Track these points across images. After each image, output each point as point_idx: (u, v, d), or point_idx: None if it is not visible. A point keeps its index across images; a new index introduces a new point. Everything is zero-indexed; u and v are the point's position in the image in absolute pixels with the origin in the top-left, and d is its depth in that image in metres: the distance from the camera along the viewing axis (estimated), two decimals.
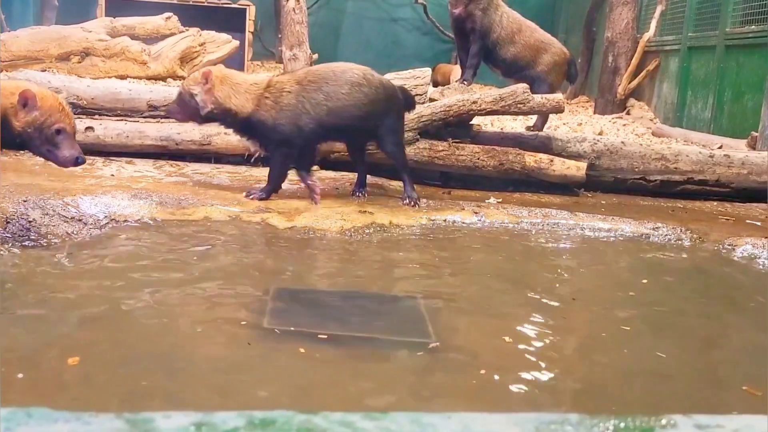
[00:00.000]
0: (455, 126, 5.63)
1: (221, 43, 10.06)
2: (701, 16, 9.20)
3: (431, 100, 5.76)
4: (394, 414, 0.84)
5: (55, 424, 0.78)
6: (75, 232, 3.73)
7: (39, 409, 0.80)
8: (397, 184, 5.18)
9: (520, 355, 2.71)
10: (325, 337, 2.67)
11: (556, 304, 3.34)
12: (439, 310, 3.19)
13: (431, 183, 5.65)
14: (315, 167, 5.67)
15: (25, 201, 3.82)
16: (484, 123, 6.74)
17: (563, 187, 5.60)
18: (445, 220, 4.44)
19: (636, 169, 5.75)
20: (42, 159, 4.40)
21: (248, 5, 13.56)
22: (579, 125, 9.08)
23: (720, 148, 6.71)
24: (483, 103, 5.52)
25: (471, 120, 5.75)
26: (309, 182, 4.65)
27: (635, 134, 8.66)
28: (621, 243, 4.42)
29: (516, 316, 3.16)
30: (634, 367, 2.70)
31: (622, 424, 0.85)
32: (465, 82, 6.62)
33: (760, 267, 4.07)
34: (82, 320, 2.70)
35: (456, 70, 12.55)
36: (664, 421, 0.84)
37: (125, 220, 3.96)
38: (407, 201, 4.73)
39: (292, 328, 2.75)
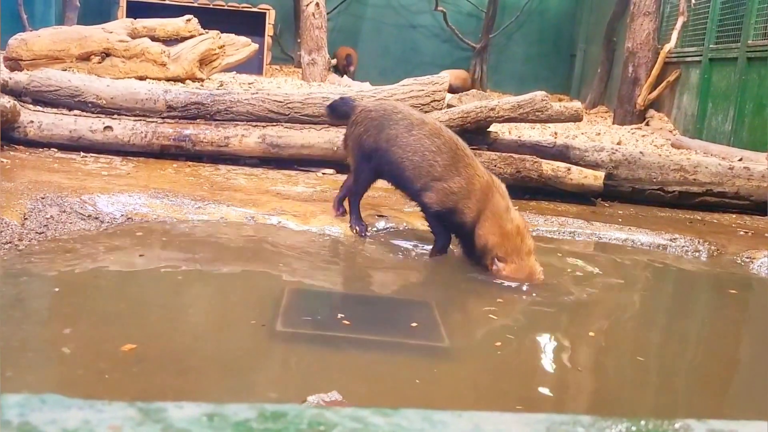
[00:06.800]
0: (473, 132, 5.62)
1: (240, 46, 10.10)
2: (723, 28, 9.15)
3: (449, 106, 5.76)
4: (405, 410, 0.83)
5: (68, 410, 0.79)
6: (91, 230, 3.75)
7: (52, 395, 0.81)
8: None
9: (533, 359, 2.70)
10: (338, 339, 2.66)
11: (568, 310, 3.33)
12: (453, 314, 3.18)
13: None
14: (331, 170, 5.69)
15: (43, 198, 3.85)
16: (501, 131, 6.72)
17: (580, 196, 5.58)
18: None
19: (654, 180, 5.71)
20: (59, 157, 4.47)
21: (268, 9, 13.65)
22: (597, 135, 9.05)
23: (740, 160, 6.66)
24: (501, 110, 5.51)
25: (488, 127, 5.75)
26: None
27: (654, 145, 8.62)
28: (637, 253, 4.40)
29: (529, 320, 3.15)
30: (649, 377, 2.68)
31: (635, 427, 0.84)
32: None
33: None
34: (92, 318, 2.71)
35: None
36: (677, 425, 0.83)
37: (142, 219, 3.98)
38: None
39: (305, 330, 2.75)
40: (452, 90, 10.63)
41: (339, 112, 4.40)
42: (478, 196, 3.66)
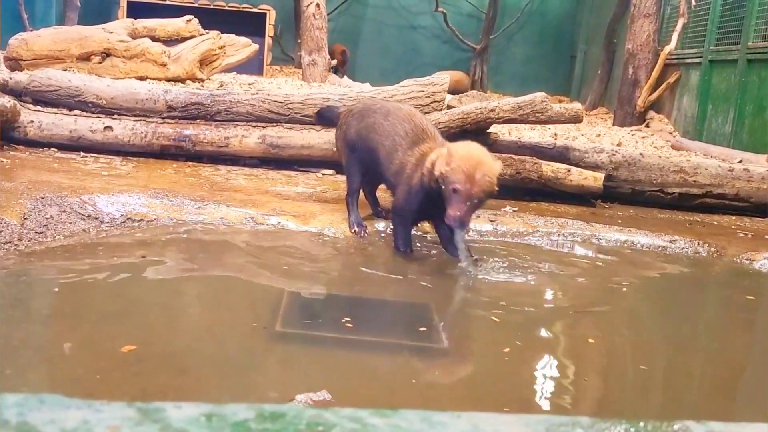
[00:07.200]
0: (472, 133, 5.62)
1: (241, 46, 10.10)
2: (723, 30, 9.15)
3: (449, 107, 5.76)
4: (404, 411, 0.83)
5: (67, 410, 0.79)
6: (91, 230, 3.75)
7: (51, 395, 0.81)
8: None
9: (533, 361, 2.70)
10: (338, 340, 2.66)
11: (569, 313, 3.33)
12: (453, 315, 3.18)
13: None
14: (331, 171, 5.69)
15: (43, 198, 3.85)
16: (501, 132, 6.72)
17: (580, 197, 5.58)
18: None
19: (654, 181, 5.71)
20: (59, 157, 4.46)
21: (268, 10, 13.65)
22: (597, 136, 9.05)
23: (740, 162, 6.66)
24: (501, 111, 5.51)
25: (488, 128, 5.74)
26: None
27: (654, 147, 8.62)
28: (636, 254, 4.39)
29: (530, 323, 3.15)
30: (651, 385, 2.68)
31: (633, 429, 0.84)
32: None
33: None
34: (92, 318, 2.71)
35: None
36: (676, 427, 0.83)
37: (141, 220, 3.98)
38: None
39: (305, 332, 2.75)
40: (448, 91, 10.65)
41: (325, 119, 4.79)
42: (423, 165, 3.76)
